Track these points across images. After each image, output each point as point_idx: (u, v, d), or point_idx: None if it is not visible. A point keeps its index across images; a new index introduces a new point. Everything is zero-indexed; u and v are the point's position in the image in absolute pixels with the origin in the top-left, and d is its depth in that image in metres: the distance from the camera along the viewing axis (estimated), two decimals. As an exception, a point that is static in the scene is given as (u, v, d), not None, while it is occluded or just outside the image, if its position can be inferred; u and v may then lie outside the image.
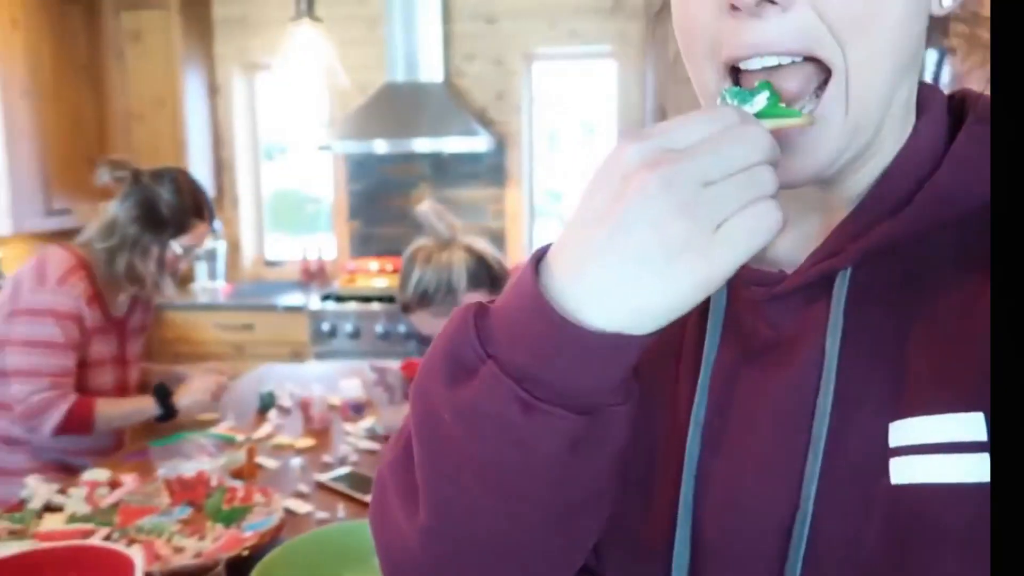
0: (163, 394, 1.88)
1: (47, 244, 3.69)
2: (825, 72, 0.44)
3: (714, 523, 0.49)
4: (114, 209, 1.86)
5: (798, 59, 0.44)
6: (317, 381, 2.17)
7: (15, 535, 1.28)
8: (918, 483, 0.41)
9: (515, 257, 3.95)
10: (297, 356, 3.51)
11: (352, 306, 3.45)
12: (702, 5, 0.45)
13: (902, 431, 0.42)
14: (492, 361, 0.41)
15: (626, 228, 0.36)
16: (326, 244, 4.09)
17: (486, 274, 1.60)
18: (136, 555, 1.08)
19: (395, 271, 3.78)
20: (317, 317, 3.45)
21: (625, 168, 0.37)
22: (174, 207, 1.86)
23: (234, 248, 4.08)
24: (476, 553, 0.46)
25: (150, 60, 3.66)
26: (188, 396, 1.90)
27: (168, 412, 1.88)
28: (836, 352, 0.45)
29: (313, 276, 4.02)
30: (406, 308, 1.62)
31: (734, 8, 0.43)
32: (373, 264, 3.80)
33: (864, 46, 0.42)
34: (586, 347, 0.38)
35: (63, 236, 3.59)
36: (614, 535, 0.51)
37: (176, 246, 1.87)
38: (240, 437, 1.75)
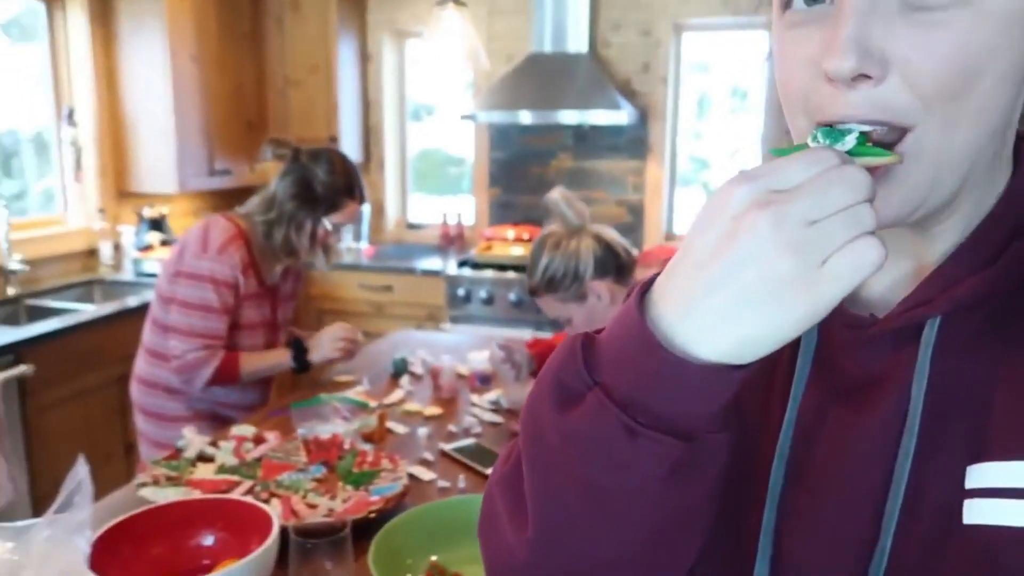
0: (298, 348, 1.99)
1: (210, 210, 3.98)
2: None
3: (794, 551, 0.51)
4: (274, 185, 1.98)
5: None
6: (448, 351, 2.24)
7: (172, 481, 1.41)
8: (988, 524, 0.43)
9: (652, 232, 3.88)
10: (433, 319, 3.62)
11: (488, 273, 3.51)
12: (800, 69, 0.47)
13: (979, 474, 0.44)
14: (598, 388, 0.44)
15: (737, 266, 0.39)
16: (466, 209, 4.17)
17: (613, 262, 1.59)
18: (273, 511, 1.17)
19: (531, 240, 3.82)
20: (453, 282, 3.54)
21: (735, 208, 0.40)
22: (328, 186, 1.95)
23: (378, 211, 4.24)
24: (579, 568, 0.48)
25: (307, 28, 3.83)
26: (318, 351, 2.01)
27: (302, 365, 1.99)
28: (922, 397, 0.47)
29: (452, 241, 4.12)
30: (533, 292, 1.64)
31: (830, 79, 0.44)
32: (510, 232, 3.84)
33: (950, 112, 0.44)
34: (690, 378, 0.41)
35: (223, 196, 3.88)
36: (701, 557, 0.53)
37: (328, 223, 1.97)
38: (373, 403, 1.83)
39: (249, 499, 1.36)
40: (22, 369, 2.37)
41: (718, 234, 0.40)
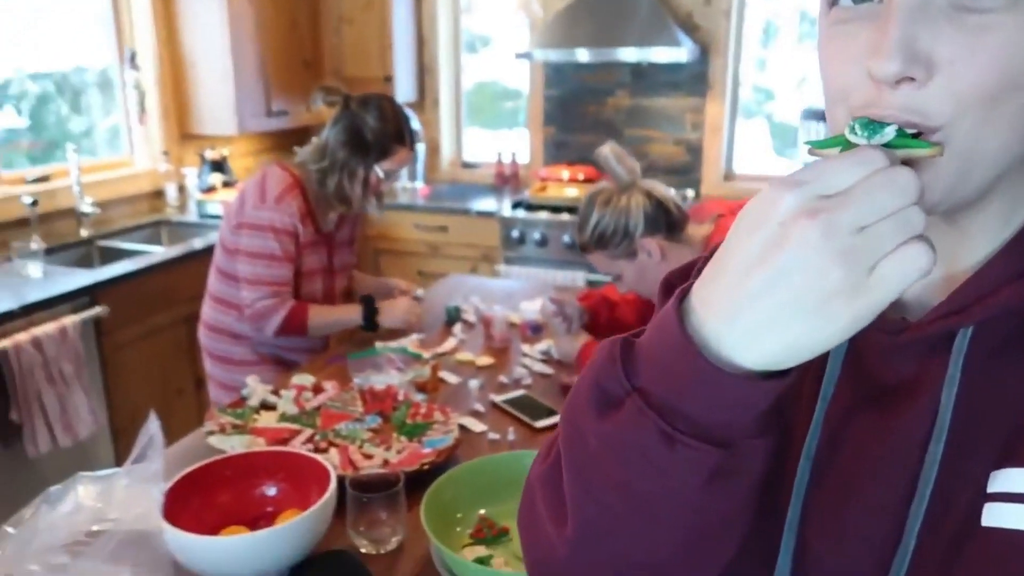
0: (369, 307, 2.05)
1: (269, 151, 4.04)
2: None
3: (817, 548, 0.52)
4: (325, 133, 2.00)
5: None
6: (500, 299, 2.27)
7: (237, 429, 1.49)
8: (1005, 528, 0.44)
9: (710, 172, 3.80)
10: (487, 260, 3.66)
11: (542, 215, 3.51)
12: (843, 65, 0.47)
13: (1002, 479, 0.45)
14: (637, 394, 0.45)
15: (786, 273, 0.39)
16: (521, 145, 4.14)
17: (664, 219, 1.57)
18: (331, 461, 1.23)
19: (586, 180, 3.79)
20: (508, 224, 3.55)
21: (783, 215, 0.39)
22: (377, 133, 1.96)
23: (433, 150, 4.25)
24: (618, 567, 0.50)
25: (361, -35, 3.78)
26: (390, 319, 2.07)
27: (371, 325, 2.05)
28: (951, 405, 0.47)
29: (507, 180, 4.11)
30: (583, 248, 1.63)
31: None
32: (565, 172, 3.81)
33: (987, 113, 0.43)
34: (728, 387, 0.42)
35: (281, 136, 3.93)
36: None
37: (379, 170, 1.99)
38: (427, 354, 1.88)
39: (309, 450, 1.44)
40: (98, 310, 2.50)
41: (765, 240, 0.40)
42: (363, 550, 1.20)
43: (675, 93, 3.79)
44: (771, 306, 0.40)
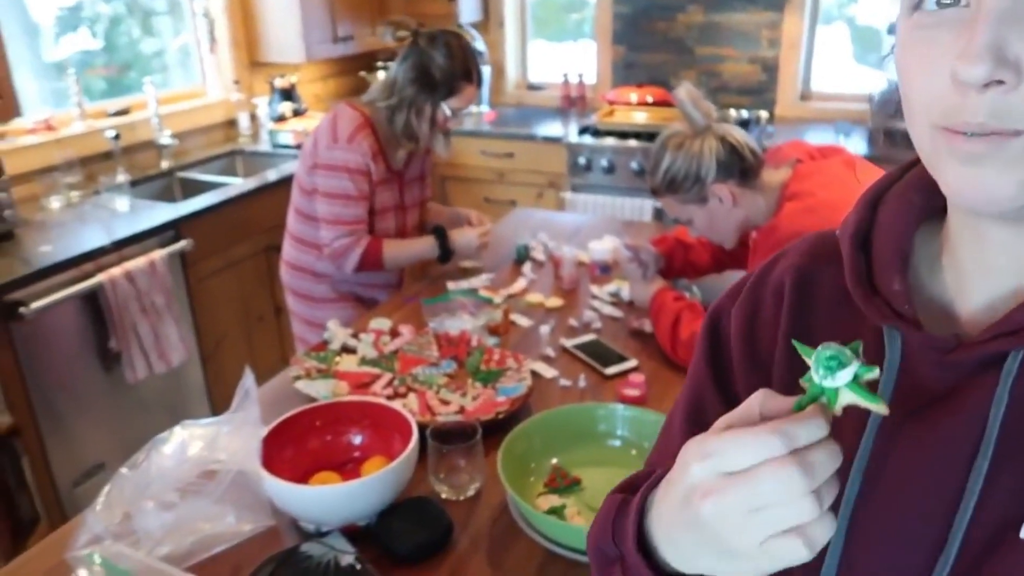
0: (441, 236, 2.09)
1: (337, 76, 4.03)
2: None
3: (862, 554, 0.54)
4: (394, 70, 2.00)
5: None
6: (568, 235, 2.28)
7: (321, 373, 1.58)
8: None
9: (786, 91, 3.66)
10: (554, 186, 3.64)
11: (609, 141, 3.46)
12: (926, 71, 0.46)
13: None
14: (619, 564, 0.56)
15: (696, 526, 0.46)
16: (587, 63, 4.04)
17: (737, 165, 1.54)
18: (411, 407, 1.30)
19: (655, 103, 3.69)
20: (574, 150, 3.51)
21: (689, 483, 0.46)
22: (445, 70, 1.96)
23: (498, 72, 4.18)
24: None
25: None
26: (462, 247, 2.11)
27: (445, 254, 2.10)
28: (998, 424, 0.48)
29: (573, 103, 4.05)
30: (654, 191, 1.63)
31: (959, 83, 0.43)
32: (633, 95, 3.72)
33: None
34: None
35: (348, 62, 3.92)
36: None
37: (446, 107, 1.99)
38: (497, 298, 1.93)
39: (389, 395, 1.51)
40: (183, 244, 2.62)
41: (681, 495, 0.47)
42: (444, 495, 1.28)
43: (750, 7, 3.62)
44: (688, 545, 0.48)
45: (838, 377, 0.44)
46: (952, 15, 0.44)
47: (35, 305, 2.16)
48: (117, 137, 2.96)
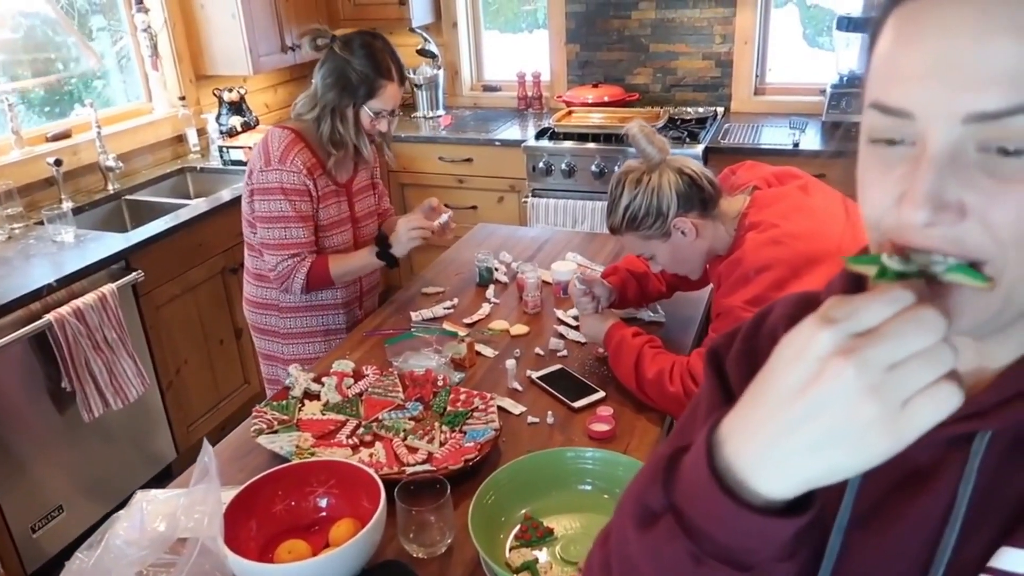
0: (382, 245, 1.99)
1: (289, 84, 3.94)
2: None
3: None
4: (314, 80, 1.94)
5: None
6: (531, 252, 2.25)
7: (283, 424, 1.54)
8: None
9: (741, 87, 3.67)
10: (514, 190, 3.61)
11: (567, 144, 3.43)
12: (877, 191, 0.49)
13: (1001, 557, 0.49)
14: (671, 514, 0.50)
15: (823, 406, 0.42)
16: (542, 61, 3.99)
17: (697, 196, 1.52)
18: (377, 476, 1.27)
19: (612, 103, 3.68)
20: (533, 154, 3.47)
21: (819, 351, 0.42)
22: (362, 72, 1.89)
23: (453, 74, 4.13)
24: None
25: None
26: (399, 246, 1.97)
27: (390, 261, 1.99)
28: (967, 498, 0.50)
29: (529, 103, 4.01)
30: (614, 230, 1.60)
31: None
32: (589, 95, 3.70)
33: None
34: (753, 521, 0.45)
35: (300, 69, 3.83)
36: None
37: (369, 109, 1.93)
38: (462, 331, 1.89)
39: (354, 443, 1.48)
40: (133, 276, 2.53)
41: (802, 374, 0.43)
42: (415, 555, 1.25)
43: (703, 3, 3.61)
44: (806, 438, 0.42)
45: (934, 261, 0.46)
46: (902, 151, 0.47)
47: (-20, 352, 2.08)
48: (59, 163, 2.85)
